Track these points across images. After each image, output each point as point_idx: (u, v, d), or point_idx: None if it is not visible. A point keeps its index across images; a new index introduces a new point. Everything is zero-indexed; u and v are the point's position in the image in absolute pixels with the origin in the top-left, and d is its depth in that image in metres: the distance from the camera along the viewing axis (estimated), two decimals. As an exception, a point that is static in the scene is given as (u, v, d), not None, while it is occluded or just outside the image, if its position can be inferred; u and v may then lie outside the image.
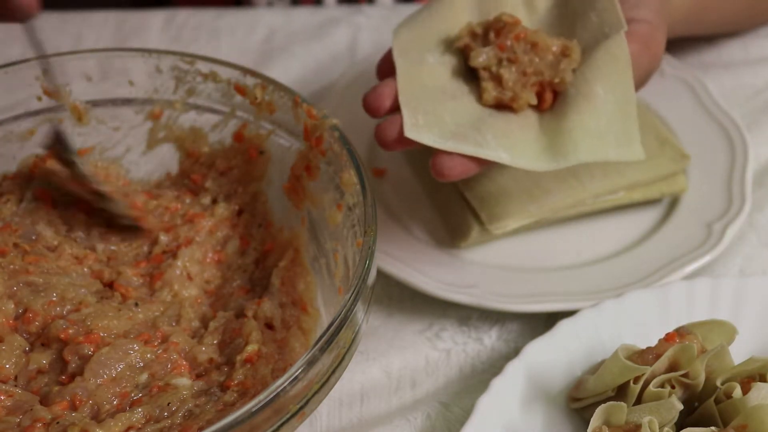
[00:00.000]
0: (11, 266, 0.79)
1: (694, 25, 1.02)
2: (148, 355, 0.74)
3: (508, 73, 0.80)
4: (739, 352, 0.75)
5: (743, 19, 1.10)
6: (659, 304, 0.81)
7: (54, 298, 0.77)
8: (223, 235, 0.85)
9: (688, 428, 0.70)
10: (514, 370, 0.77)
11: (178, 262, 0.82)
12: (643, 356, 0.73)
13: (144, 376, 0.73)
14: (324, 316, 0.81)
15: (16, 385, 0.73)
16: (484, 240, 0.92)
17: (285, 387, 0.64)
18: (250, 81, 0.84)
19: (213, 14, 1.22)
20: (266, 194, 0.87)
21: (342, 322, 0.67)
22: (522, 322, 0.88)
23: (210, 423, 0.67)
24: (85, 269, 0.82)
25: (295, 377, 0.64)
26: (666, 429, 0.71)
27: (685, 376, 0.72)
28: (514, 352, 0.80)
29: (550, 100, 0.81)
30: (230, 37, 1.19)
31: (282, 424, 0.65)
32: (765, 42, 1.12)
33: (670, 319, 0.80)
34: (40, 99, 0.86)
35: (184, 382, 0.73)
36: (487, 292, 0.87)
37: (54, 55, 0.85)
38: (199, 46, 1.17)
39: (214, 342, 0.76)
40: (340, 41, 1.18)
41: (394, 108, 0.80)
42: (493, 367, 0.84)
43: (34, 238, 0.82)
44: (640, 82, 0.83)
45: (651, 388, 0.72)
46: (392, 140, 0.79)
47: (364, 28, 1.19)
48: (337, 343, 0.67)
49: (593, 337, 0.80)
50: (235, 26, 1.20)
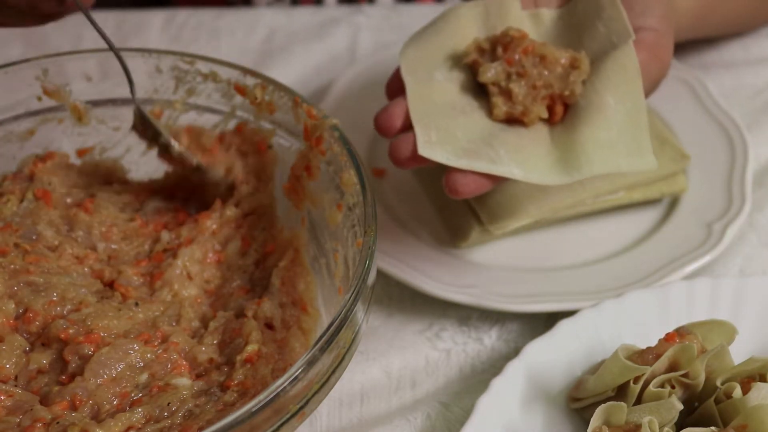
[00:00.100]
0: (12, 266, 0.79)
1: (700, 30, 1.02)
2: (148, 355, 0.74)
3: (518, 88, 0.80)
4: (739, 352, 0.75)
5: (747, 21, 1.10)
6: (659, 304, 0.81)
7: (54, 298, 0.77)
8: (225, 236, 0.85)
9: (688, 428, 0.70)
10: (514, 370, 0.77)
11: (179, 262, 0.82)
12: (643, 356, 0.73)
13: (144, 376, 0.73)
14: (324, 316, 0.81)
15: (16, 385, 0.73)
16: (485, 240, 0.92)
17: (285, 387, 0.64)
18: (250, 81, 0.84)
19: (213, 14, 1.22)
20: (276, 200, 0.87)
21: (342, 322, 0.67)
22: (522, 322, 0.88)
23: (210, 423, 0.67)
24: (86, 269, 0.82)
25: (295, 377, 0.64)
26: (666, 429, 0.71)
27: (685, 376, 0.72)
28: (514, 352, 0.80)
29: (561, 112, 0.81)
30: (230, 37, 1.19)
31: (282, 424, 0.65)
32: (766, 42, 1.12)
33: (670, 319, 0.80)
34: (40, 99, 0.86)
35: (184, 382, 0.73)
36: (487, 292, 0.87)
37: (54, 55, 0.85)
38: (199, 46, 1.17)
39: (214, 342, 0.76)
40: (340, 41, 1.18)
41: (406, 127, 0.80)
42: (493, 367, 0.84)
43: (34, 237, 0.82)
44: (650, 90, 0.82)
45: (651, 388, 0.72)
46: (406, 158, 0.79)
47: (364, 28, 1.19)
48: (337, 343, 0.67)
49: (593, 337, 0.80)
50: (235, 26, 1.20)
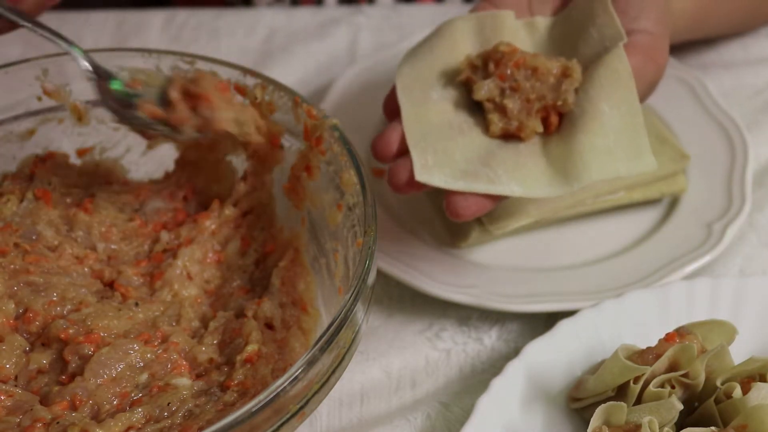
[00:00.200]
0: (12, 266, 0.79)
1: (697, 32, 1.01)
2: (148, 355, 0.74)
3: (512, 103, 0.80)
4: (739, 352, 0.75)
5: (744, 22, 1.10)
6: (659, 304, 0.81)
7: (54, 298, 0.77)
8: (225, 236, 0.85)
9: (688, 428, 0.70)
10: (514, 370, 0.77)
11: (178, 262, 0.82)
12: (643, 356, 0.73)
13: (144, 376, 0.73)
14: (324, 316, 0.81)
15: (16, 385, 0.73)
16: (484, 240, 0.92)
17: (285, 387, 0.64)
18: (250, 81, 0.84)
19: (213, 14, 1.22)
20: (276, 199, 0.86)
21: (342, 322, 0.67)
22: (522, 322, 0.88)
23: (210, 423, 0.67)
24: (86, 269, 0.82)
25: (295, 377, 0.64)
26: (666, 429, 0.71)
27: (685, 376, 0.72)
28: (514, 352, 0.80)
29: (556, 122, 0.81)
30: (230, 37, 1.19)
31: (282, 424, 0.65)
32: (765, 42, 1.12)
33: (670, 319, 0.80)
34: (40, 99, 0.86)
35: (184, 382, 0.73)
36: (487, 292, 0.87)
37: (54, 55, 0.85)
38: (199, 46, 1.17)
39: (214, 342, 0.76)
40: (340, 41, 1.18)
41: (402, 151, 0.80)
42: (493, 367, 0.84)
43: (34, 238, 0.82)
44: (646, 92, 0.82)
45: (651, 388, 0.72)
46: (403, 184, 0.79)
47: (364, 28, 1.19)
48: (337, 343, 0.67)
49: (593, 337, 0.80)
50: (235, 26, 1.20)
